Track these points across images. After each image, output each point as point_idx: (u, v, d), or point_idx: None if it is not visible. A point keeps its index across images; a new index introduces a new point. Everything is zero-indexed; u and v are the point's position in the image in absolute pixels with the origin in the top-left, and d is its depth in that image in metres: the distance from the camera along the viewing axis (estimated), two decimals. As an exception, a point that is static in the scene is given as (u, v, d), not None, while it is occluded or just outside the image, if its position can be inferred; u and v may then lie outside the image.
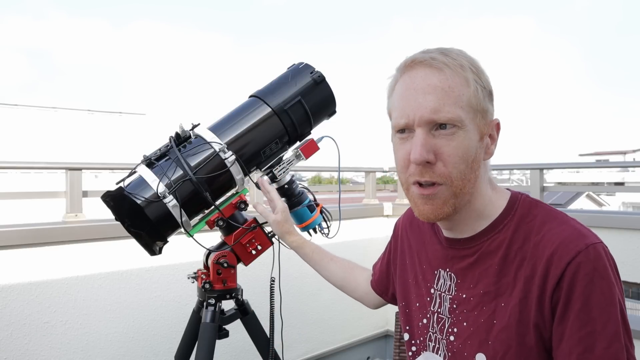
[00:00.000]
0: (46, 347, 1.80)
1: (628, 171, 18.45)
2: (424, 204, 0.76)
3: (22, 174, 7.71)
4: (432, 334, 0.85)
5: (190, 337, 1.38)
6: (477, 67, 0.76)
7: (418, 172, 0.74)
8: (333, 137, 1.29)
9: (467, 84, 0.74)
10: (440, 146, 0.73)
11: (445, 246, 0.86)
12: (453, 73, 0.73)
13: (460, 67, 0.74)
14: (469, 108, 0.74)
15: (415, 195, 0.77)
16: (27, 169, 5.66)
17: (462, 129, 0.73)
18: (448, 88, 0.73)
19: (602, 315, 0.68)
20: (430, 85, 0.73)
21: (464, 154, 0.73)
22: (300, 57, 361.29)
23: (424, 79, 0.74)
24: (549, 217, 0.76)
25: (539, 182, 2.63)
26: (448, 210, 0.76)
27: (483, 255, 0.79)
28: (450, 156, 0.73)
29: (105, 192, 1.13)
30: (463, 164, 0.73)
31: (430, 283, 0.87)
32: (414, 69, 0.76)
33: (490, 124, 0.78)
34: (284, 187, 1.31)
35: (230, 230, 1.29)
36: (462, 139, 0.73)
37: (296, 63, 1.31)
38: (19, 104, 13.91)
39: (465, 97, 0.73)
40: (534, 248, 0.74)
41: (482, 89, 0.75)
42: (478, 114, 0.75)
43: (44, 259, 1.82)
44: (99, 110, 15.11)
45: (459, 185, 0.74)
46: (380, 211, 3.15)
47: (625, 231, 2.04)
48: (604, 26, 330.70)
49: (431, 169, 0.73)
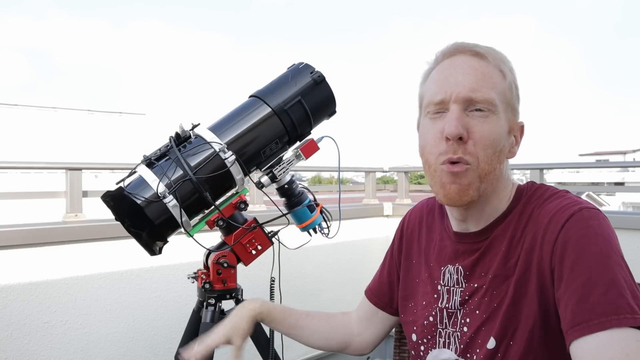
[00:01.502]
0: (46, 347, 1.80)
1: (628, 171, 18.46)
2: (451, 182, 0.76)
3: (22, 174, 7.71)
4: (441, 330, 0.85)
5: (190, 337, 1.37)
6: (512, 67, 0.79)
7: (451, 149, 0.74)
8: (333, 137, 1.29)
9: (503, 76, 0.77)
10: (473, 125, 0.74)
11: (455, 241, 0.86)
12: (492, 64, 0.77)
13: (501, 60, 0.78)
14: (503, 98, 0.76)
15: (443, 175, 0.76)
16: (27, 169, 5.66)
17: (495, 114, 0.75)
18: (487, 73, 0.76)
19: (597, 265, 0.66)
20: (471, 67, 0.76)
21: (495, 139, 0.75)
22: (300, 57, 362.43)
23: (464, 62, 0.77)
24: (551, 194, 0.78)
25: (539, 182, 2.63)
26: (473, 194, 0.76)
27: (492, 242, 0.80)
28: (482, 137, 0.74)
29: (105, 192, 1.13)
30: (491, 149, 0.75)
31: (437, 280, 0.88)
32: (456, 55, 0.78)
33: (517, 123, 0.81)
34: (284, 187, 1.31)
35: (230, 230, 1.29)
36: (495, 124, 0.75)
37: (296, 63, 1.31)
38: (19, 104, 13.92)
39: (500, 86, 0.76)
40: (533, 222, 0.75)
41: (515, 87, 0.79)
42: (509, 108, 0.78)
43: (44, 259, 1.82)
44: (99, 110, 15.13)
45: (485, 169, 0.75)
46: (380, 211, 3.15)
47: (625, 231, 2.04)
48: (604, 26, 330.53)
49: (463, 147, 0.74)
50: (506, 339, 0.74)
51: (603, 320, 0.62)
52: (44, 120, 13.57)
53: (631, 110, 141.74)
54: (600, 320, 0.62)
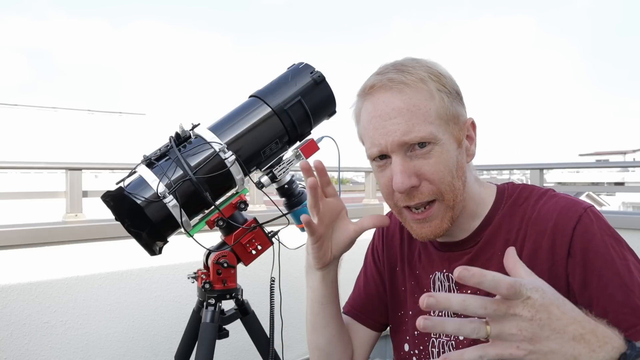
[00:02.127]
0: (46, 347, 1.80)
1: (628, 171, 18.45)
2: (421, 227, 0.75)
3: (22, 174, 7.71)
4: (434, 340, 0.83)
5: (190, 337, 1.38)
6: (437, 73, 0.74)
7: (406, 197, 0.74)
8: (333, 137, 1.29)
9: (431, 97, 0.72)
10: (420, 166, 0.72)
11: (441, 250, 0.84)
12: (414, 90, 0.71)
13: (420, 81, 0.72)
14: (439, 121, 0.72)
15: (409, 220, 0.76)
16: (27, 169, 5.67)
17: (437, 144, 0.71)
18: (413, 107, 0.71)
19: (624, 268, 0.68)
20: (395, 109, 0.71)
21: (446, 167, 0.72)
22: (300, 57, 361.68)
23: (386, 104, 0.72)
24: (538, 194, 0.78)
25: (539, 182, 2.64)
26: (446, 226, 0.75)
27: (482, 247, 0.79)
28: (434, 173, 0.72)
29: (105, 192, 1.13)
30: (447, 176, 0.73)
31: (426, 288, 0.85)
32: (374, 95, 0.74)
33: (464, 126, 0.77)
34: (284, 187, 1.31)
35: (230, 230, 1.29)
36: (440, 154, 0.72)
37: (296, 63, 1.31)
38: (19, 104, 13.92)
39: (432, 111, 0.71)
40: (532, 224, 0.75)
41: (448, 94, 0.73)
42: (450, 123, 0.73)
43: (44, 259, 1.82)
44: (99, 110, 15.14)
45: (452, 198, 0.74)
46: (380, 211, 3.15)
47: (625, 231, 2.04)
48: (604, 26, 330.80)
49: (418, 191, 0.73)
50: None
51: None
52: (44, 120, 13.57)
53: (631, 110, 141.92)
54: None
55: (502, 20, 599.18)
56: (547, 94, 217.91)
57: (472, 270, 0.50)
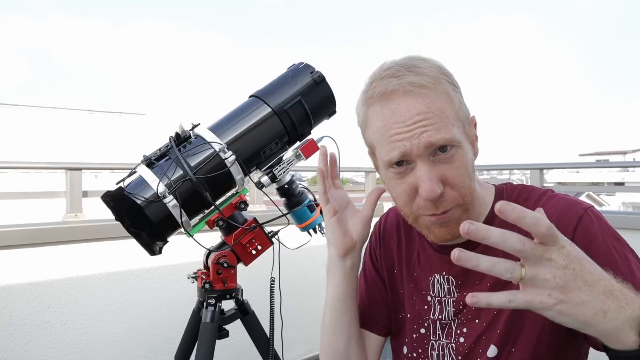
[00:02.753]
0: (46, 347, 1.80)
1: (628, 171, 18.44)
2: (439, 228, 0.73)
3: (22, 174, 7.71)
4: (434, 342, 0.82)
5: (190, 337, 1.38)
6: (446, 71, 0.73)
7: (431, 205, 0.71)
8: (333, 137, 1.29)
9: (449, 98, 0.70)
10: (445, 172, 0.70)
11: (440, 252, 0.83)
12: (434, 93, 0.69)
13: (438, 83, 0.70)
14: (459, 123, 0.71)
15: (428, 223, 0.74)
16: (27, 169, 5.67)
17: (459, 148, 0.70)
18: (437, 110, 0.69)
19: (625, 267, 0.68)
20: (420, 113, 0.68)
21: (466, 171, 0.71)
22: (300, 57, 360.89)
23: (409, 109, 0.69)
24: (537, 195, 0.78)
25: (539, 182, 2.64)
26: None
27: (484, 249, 0.78)
28: (457, 178, 0.70)
29: (105, 192, 1.13)
30: (468, 180, 0.72)
31: (425, 291, 0.84)
32: (393, 101, 0.70)
33: (471, 123, 0.76)
34: (284, 187, 1.31)
35: (230, 230, 1.29)
36: (462, 157, 0.71)
37: (296, 63, 1.31)
38: (19, 104, 13.93)
39: (453, 113, 0.70)
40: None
41: (460, 95, 0.73)
42: (465, 123, 0.73)
43: (44, 259, 1.82)
44: (99, 110, 15.15)
45: (469, 201, 0.73)
46: (380, 211, 3.15)
47: (625, 231, 2.03)
48: (604, 26, 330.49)
49: (442, 198, 0.70)
50: (508, 345, 0.74)
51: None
52: (44, 120, 13.57)
53: (631, 110, 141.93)
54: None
55: (502, 20, 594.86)
56: (547, 94, 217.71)
57: (513, 205, 0.50)
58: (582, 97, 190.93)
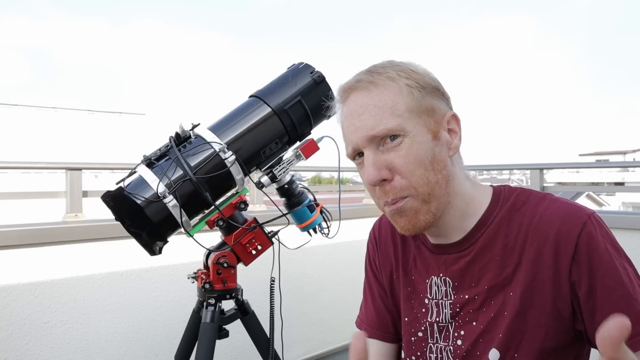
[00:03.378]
0: (46, 347, 1.80)
1: (628, 171, 18.44)
2: (399, 218, 0.75)
3: (22, 174, 7.71)
4: (432, 345, 0.82)
5: (190, 337, 1.38)
6: (409, 70, 0.75)
7: (382, 192, 0.75)
8: (333, 137, 1.29)
9: (399, 91, 0.73)
10: (391, 160, 0.72)
11: (436, 253, 0.83)
12: (381, 87, 0.74)
13: (388, 79, 0.74)
14: (409, 114, 0.73)
15: (390, 213, 0.77)
16: (27, 169, 5.67)
17: (407, 136, 0.72)
18: (380, 102, 0.73)
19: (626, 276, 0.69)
20: (362, 105, 0.74)
21: (417, 159, 0.72)
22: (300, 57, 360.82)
23: (355, 102, 0.75)
24: (537, 199, 0.77)
25: (539, 182, 2.63)
26: (426, 218, 0.74)
27: (480, 251, 0.78)
28: (403, 166, 0.72)
29: (105, 192, 1.13)
30: (420, 169, 0.72)
31: (423, 293, 0.84)
32: (348, 98, 0.77)
33: (443, 119, 0.76)
34: (284, 187, 1.31)
35: (230, 230, 1.29)
36: (410, 146, 0.72)
37: (296, 63, 1.31)
38: (19, 104, 13.93)
39: (401, 104, 0.73)
40: (534, 230, 0.74)
41: (420, 89, 0.74)
42: (423, 116, 0.74)
43: (44, 259, 1.82)
44: (99, 110, 15.15)
45: (426, 191, 0.73)
46: (380, 211, 3.14)
47: (625, 231, 2.04)
48: (604, 26, 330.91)
49: (391, 186, 0.73)
50: (511, 350, 0.74)
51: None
52: (44, 120, 13.57)
53: (631, 110, 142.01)
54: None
55: (502, 20, 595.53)
56: (547, 93, 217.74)
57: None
58: (582, 97, 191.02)
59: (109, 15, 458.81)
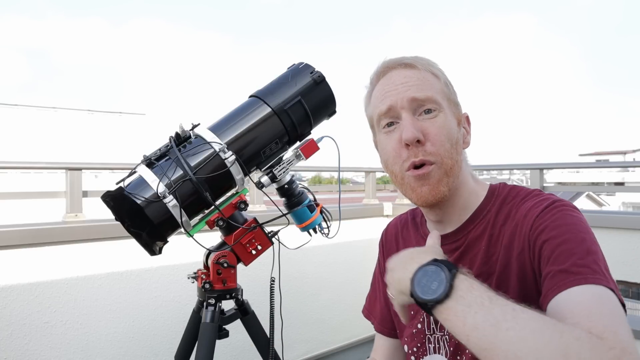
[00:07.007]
0: (46, 347, 1.80)
1: (628, 171, 18.45)
2: (420, 186, 0.79)
3: (22, 174, 7.72)
4: (430, 336, 0.86)
5: (190, 337, 1.38)
6: (442, 69, 0.84)
7: (412, 153, 0.78)
8: (333, 137, 1.29)
9: (436, 77, 0.82)
10: (427, 127, 0.78)
11: None
12: (423, 69, 0.82)
13: (429, 64, 0.83)
14: (443, 95, 0.81)
15: (411, 180, 0.80)
16: (27, 169, 5.67)
17: (442, 112, 0.80)
18: (422, 78, 0.81)
19: (575, 237, 0.68)
20: (406, 77, 0.81)
21: (448, 134, 0.79)
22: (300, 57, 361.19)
23: (399, 74, 0.82)
24: (525, 194, 0.82)
25: (539, 182, 2.64)
26: (444, 190, 0.79)
27: (471, 242, 0.82)
28: (437, 135, 0.78)
29: (105, 192, 1.13)
30: (448, 143, 0.79)
31: None
32: (388, 73, 0.84)
33: (462, 115, 0.85)
34: (284, 187, 1.31)
35: (230, 230, 1.29)
36: (444, 120, 0.79)
37: (296, 63, 1.31)
38: (19, 104, 13.93)
39: (437, 86, 0.81)
40: (511, 220, 0.78)
41: (450, 84, 0.84)
42: (451, 103, 0.83)
43: (44, 259, 1.82)
44: (99, 110, 15.15)
45: (449, 164, 0.79)
46: (380, 211, 3.15)
47: (625, 231, 2.04)
48: (604, 26, 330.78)
49: (422, 149, 0.78)
50: None
51: (579, 277, 0.63)
52: (44, 120, 13.58)
53: (631, 110, 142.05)
54: (576, 277, 0.63)
55: (502, 19, 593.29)
56: (547, 93, 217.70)
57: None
58: (582, 97, 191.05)
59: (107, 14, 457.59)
